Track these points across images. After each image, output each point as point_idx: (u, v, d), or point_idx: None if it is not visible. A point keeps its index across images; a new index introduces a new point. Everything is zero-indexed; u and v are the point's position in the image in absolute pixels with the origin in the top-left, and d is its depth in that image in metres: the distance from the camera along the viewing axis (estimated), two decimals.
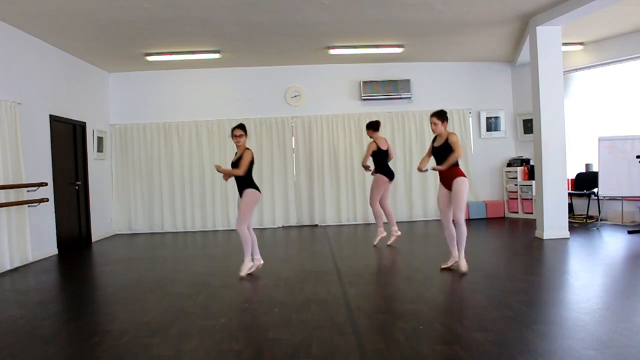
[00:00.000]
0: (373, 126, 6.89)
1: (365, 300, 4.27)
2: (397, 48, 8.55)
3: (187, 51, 8.31)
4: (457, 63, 9.83)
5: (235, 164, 5.30)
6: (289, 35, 7.64)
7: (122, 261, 6.84)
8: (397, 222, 7.32)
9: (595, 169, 8.47)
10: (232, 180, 5.36)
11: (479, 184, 9.86)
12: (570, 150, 7.76)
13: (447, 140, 5.04)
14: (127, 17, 6.43)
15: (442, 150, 5.08)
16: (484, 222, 9.01)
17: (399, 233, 6.98)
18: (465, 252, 5.09)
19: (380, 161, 6.77)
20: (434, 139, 5.29)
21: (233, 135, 5.32)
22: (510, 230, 8.16)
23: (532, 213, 8.97)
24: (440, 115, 5.11)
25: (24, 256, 6.48)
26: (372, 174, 6.91)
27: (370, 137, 6.89)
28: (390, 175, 6.81)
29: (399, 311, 3.91)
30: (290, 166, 9.73)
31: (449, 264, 5.25)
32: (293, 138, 9.73)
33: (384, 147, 6.77)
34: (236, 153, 5.42)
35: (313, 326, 3.61)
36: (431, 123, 5.15)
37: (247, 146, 5.32)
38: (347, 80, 9.76)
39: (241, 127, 5.35)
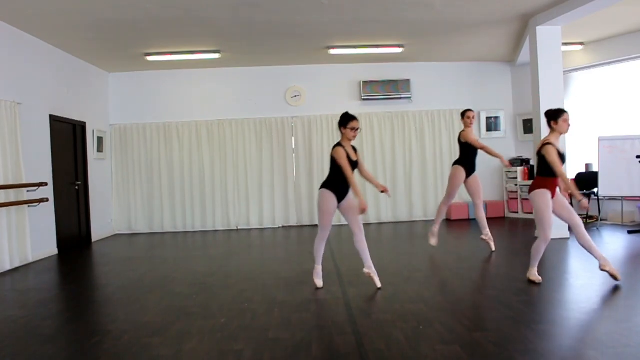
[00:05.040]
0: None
1: (365, 300, 4.27)
2: (397, 48, 8.55)
3: (187, 51, 8.31)
4: (457, 63, 9.83)
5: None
6: (289, 35, 7.64)
7: (122, 261, 6.84)
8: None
9: (595, 169, 8.46)
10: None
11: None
12: (570, 150, 7.76)
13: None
14: (127, 17, 6.43)
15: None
16: None
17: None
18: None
19: None
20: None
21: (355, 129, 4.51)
22: (510, 230, 8.15)
23: (532, 213, 8.95)
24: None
25: (24, 256, 6.48)
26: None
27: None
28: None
29: (399, 311, 3.91)
30: (290, 166, 9.72)
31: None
32: (293, 138, 9.73)
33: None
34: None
35: (313, 326, 3.61)
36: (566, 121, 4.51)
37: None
38: (347, 80, 9.76)
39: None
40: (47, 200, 6.84)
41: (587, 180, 8.61)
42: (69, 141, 8.03)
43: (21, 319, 4.09)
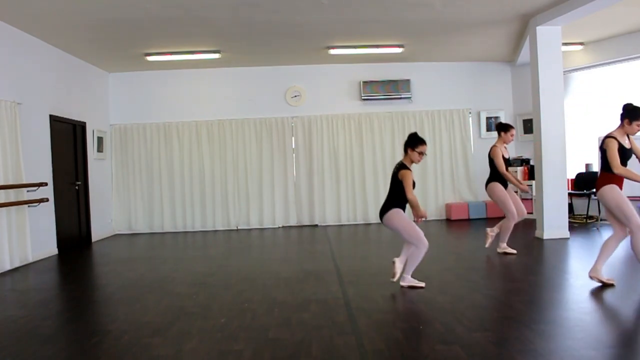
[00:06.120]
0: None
1: (365, 300, 4.26)
2: (397, 48, 8.55)
3: (187, 51, 8.31)
4: (457, 63, 9.83)
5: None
6: (289, 35, 7.64)
7: (122, 261, 6.84)
8: None
9: (595, 169, 8.46)
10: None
11: (479, 184, 9.84)
12: (570, 150, 7.76)
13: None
14: (127, 17, 6.43)
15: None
16: (484, 222, 9.00)
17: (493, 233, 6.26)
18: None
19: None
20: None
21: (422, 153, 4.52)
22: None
23: (532, 213, 8.97)
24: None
25: (24, 256, 6.48)
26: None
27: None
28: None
29: (399, 311, 3.91)
30: (290, 166, 9.73)
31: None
32: (293, 138, 9.73)
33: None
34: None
35: (313, 326, 3.60)
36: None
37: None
38: (347, 80, 9.76)
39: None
40: (47, 200, 6.84)
41: (587, 180, 8.61)
42: (69, 141, 8.03)
43: (21, 319, 4.08)
